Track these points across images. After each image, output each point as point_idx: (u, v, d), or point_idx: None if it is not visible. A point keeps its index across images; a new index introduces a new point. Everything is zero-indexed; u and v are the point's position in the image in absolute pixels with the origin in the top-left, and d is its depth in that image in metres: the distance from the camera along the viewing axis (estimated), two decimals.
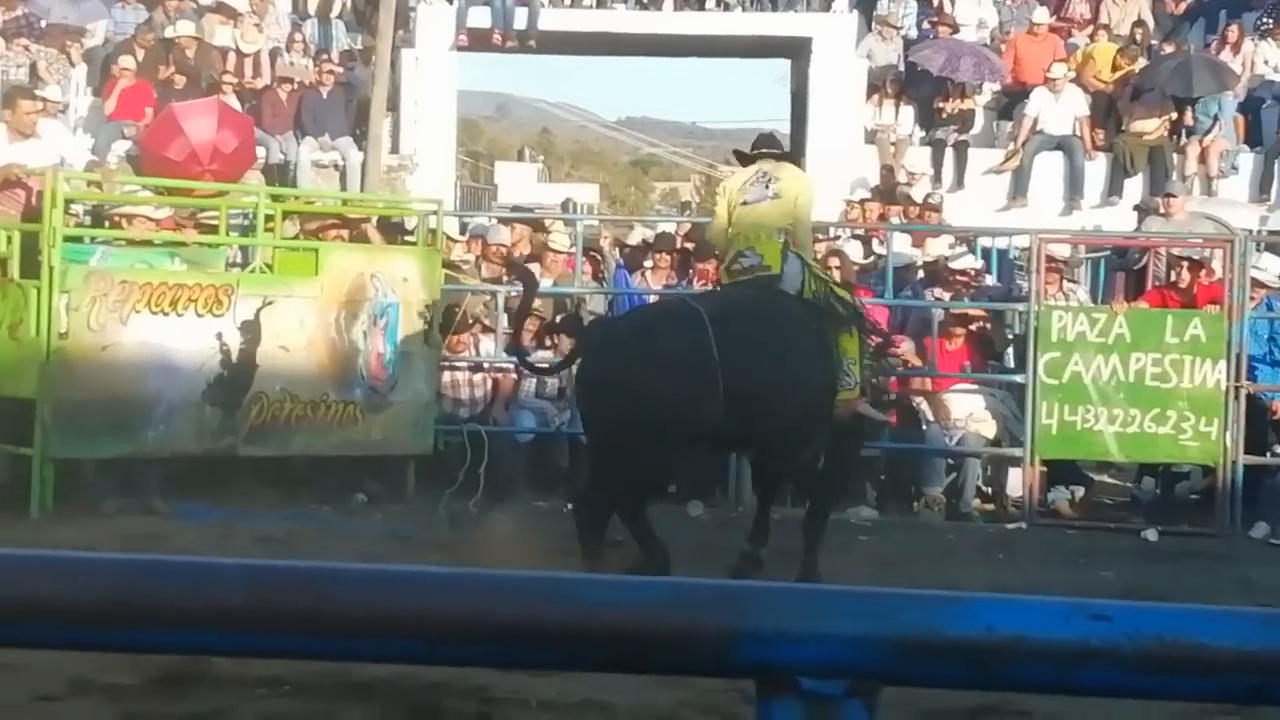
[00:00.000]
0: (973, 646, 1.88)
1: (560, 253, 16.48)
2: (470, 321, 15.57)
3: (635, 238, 19.19)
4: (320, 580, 2.07)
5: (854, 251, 17.02)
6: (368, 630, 2.03)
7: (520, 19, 23.41)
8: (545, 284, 16.32)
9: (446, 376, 15.35)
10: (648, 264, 16.78)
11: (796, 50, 24.22)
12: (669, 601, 1.99)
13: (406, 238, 16.18)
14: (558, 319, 16.00)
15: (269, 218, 14.94)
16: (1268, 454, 15.08)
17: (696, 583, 1.99)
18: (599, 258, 17.32)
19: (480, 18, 23.33)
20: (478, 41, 23.51)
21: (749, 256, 11.61)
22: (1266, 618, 1.81)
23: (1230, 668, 1.78)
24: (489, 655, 2.08)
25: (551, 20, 23.65)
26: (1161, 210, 19.85)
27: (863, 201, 20.66)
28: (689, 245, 17.02)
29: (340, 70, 22.33)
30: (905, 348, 15.35)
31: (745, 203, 11.76)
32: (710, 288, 16.19)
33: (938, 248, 17.23)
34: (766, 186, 11.76)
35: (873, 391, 12.28)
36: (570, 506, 12.58)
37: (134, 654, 2.25)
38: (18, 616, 2.02)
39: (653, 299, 16.05)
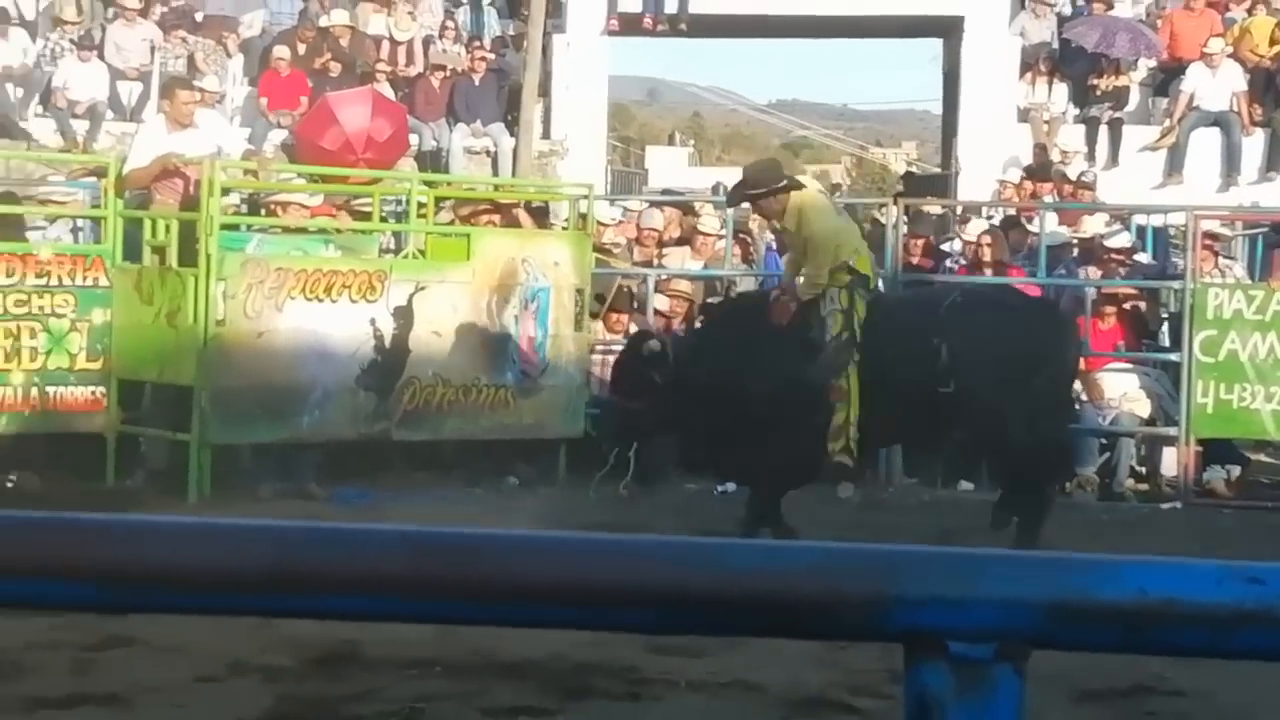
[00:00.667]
0: (1124, 610, 1.87)
1: (710, 235, 16.48)
2: (628, 301, 15.62)
3: None
4: (475, 546, 2.09)
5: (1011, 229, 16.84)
6: (521, 596, 2.05)
7: (671, 3, 23.41)
8: (695, 266, 16.35)
9: (598, 359, 15.39)
10: None
11: (949, 29, 24.06)
12: (818, 566, 1.99)
13: (558, 222, 16.24)
14: (708, 301, 16.04)
15: (421, 204, 15.05)
16: None
17: (845, 547, 2.00)
18: (749, 240, 17.30)
19: (631, 2, 23.35)
20: (628, 26, 23.52)
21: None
22: None
23: None
24: (641, 621, 2.10)
25: (702, 3, 23.61)
26: None
27: (1018, 181, 20.51)
28: None
29: (492, 57, 22.43)
30: None
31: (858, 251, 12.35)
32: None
33: (1092, 226, 17.06)
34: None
35: None
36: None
37: (295, 620, 2.29)
38: (178, 584, 2.06)
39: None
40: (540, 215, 16.66)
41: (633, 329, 15.31)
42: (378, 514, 12.77)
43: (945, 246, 17.25)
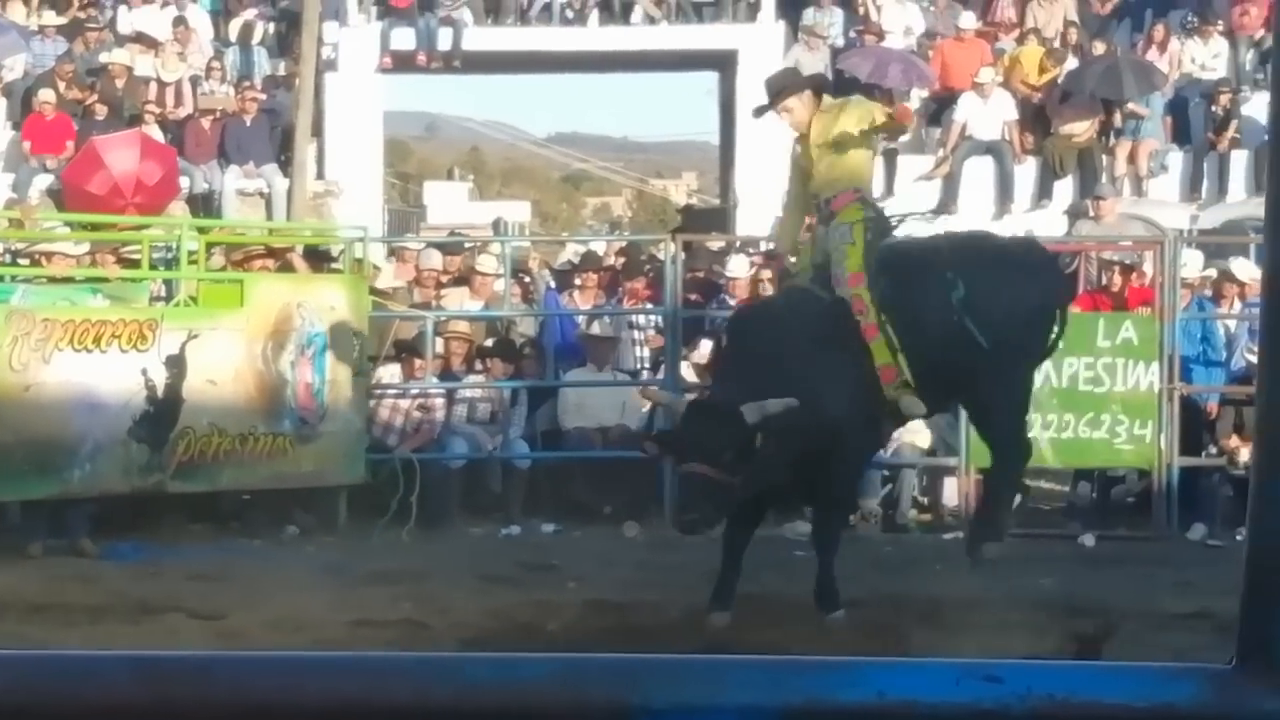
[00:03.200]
0: (864, 713, 1.81)
1: (489, 275, 16.37)
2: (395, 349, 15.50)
3: (569, 256, 19.12)
4: (206, 667, 1.99)
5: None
6: (256, 717, 1.95)
7: (445, 39, 23.32)
8: (474, 307, 16.25)
9: (376, 404, 15.23)
10: (576, 283, 16.70)
11: (724, 62, 24.19)
12: (559, 676, 1.91)
13: (333, 265, 16.07)
14: (488, 343, 15.96)
15: (192, 250, 14.80)
16: (1203, 455, 15.06)
17: (587, 657, 1.92)
18: (528, 279, 17.23)
19: (404, 39, 23.23)
20: (402, 63, 23.41)
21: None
22: (1160, 672, 1.74)
23: None
24: None
25: (476, 39, 23.55)
26: (1092, 213, 19.88)
27: None
28: (619, 263, 16.97)
29: (263, 97, 22.17)
30: None
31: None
32: (641, 305, 16.16)
33: None
34: None
35: None
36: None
37: None
38: None
39: (583, 320, 16.02)
40: (315, 258, 16.44)
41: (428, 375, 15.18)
42: (154, 569, 12.52)
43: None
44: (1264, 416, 1.73)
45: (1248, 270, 15.89)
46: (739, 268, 16.60)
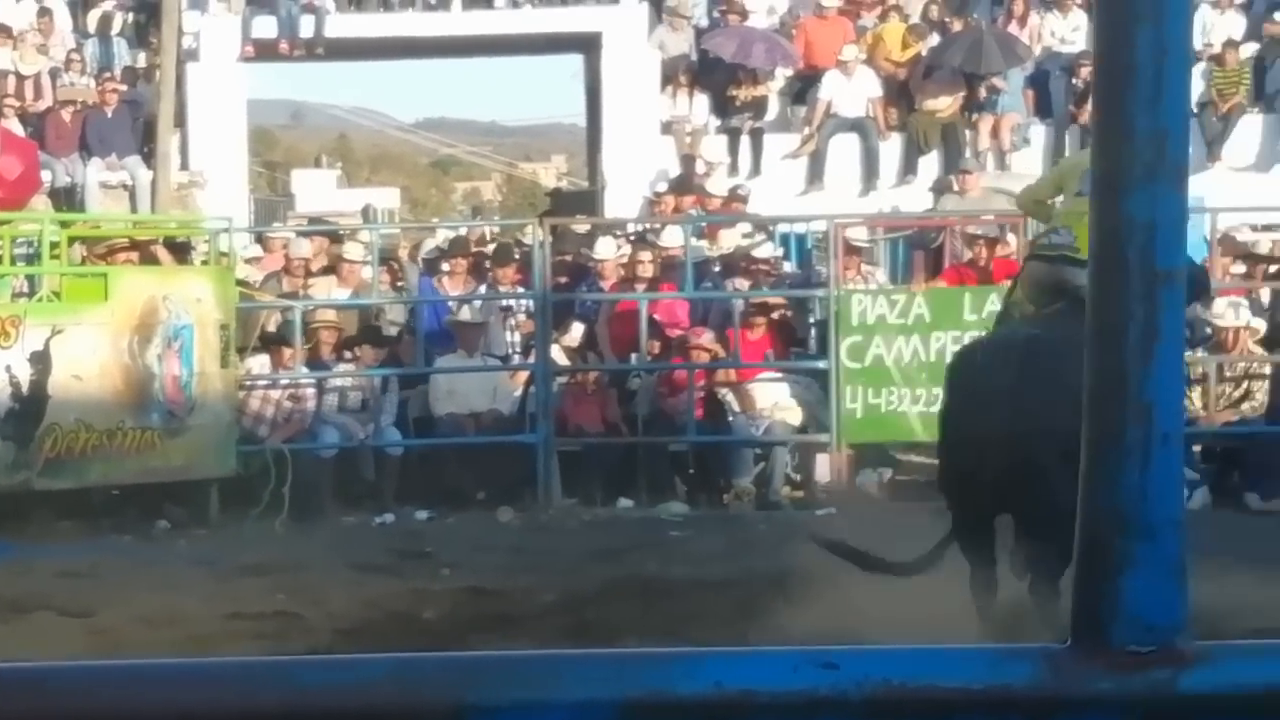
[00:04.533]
0: (702, 704, 1.80)
1: (356, 262, 16.28)
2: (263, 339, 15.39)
3: (438, 242, 19.05)
4: (41, 679, 1.95)
5: (671, 239, 16.79)
6: None
7: (307, 27, 23.13)
8: (342, 295, 16.16)
9: (246, 396, 15.12)
10: (445, 268, 16.65)
11: (588, 44, 24.14)
12: (393, 677, 1.88)
13: (199, 257, 15.92)
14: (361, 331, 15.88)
15: (55, 244, 14.63)
16: None
17: (422, 657, 1.89)
18: (397, 266, 17.14)
19: (265, 27, 23.03)
20: (264, 51, 23.20)
21: (1062, 234, 10.47)
22: (995, 654, 1.74)
23: (961, 708, 1.73)
24: None
25: (339, 26, 23.39)
26: (956, 187, 20.03)
27: (659, 195, 20.65)
28: (488, 249, 16.95)
29: (124, 88, 21.94)
30: (706, 339, 15.35)
31: (1080, 192, 10.41)
32: (511, 288, 16.12)
33: (728, 239, 17.23)
34: None
35: None
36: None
37: None
38: None
39: (454, 306, 15.98)
40: (180, 250, 16.28)
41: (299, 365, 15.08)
42: (23, 567, 12.37)
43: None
44: (1093, 394, 1.72)
45: None
46: (606, 249, 16.61)
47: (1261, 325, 15.06)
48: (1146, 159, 1.67)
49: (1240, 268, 16.13)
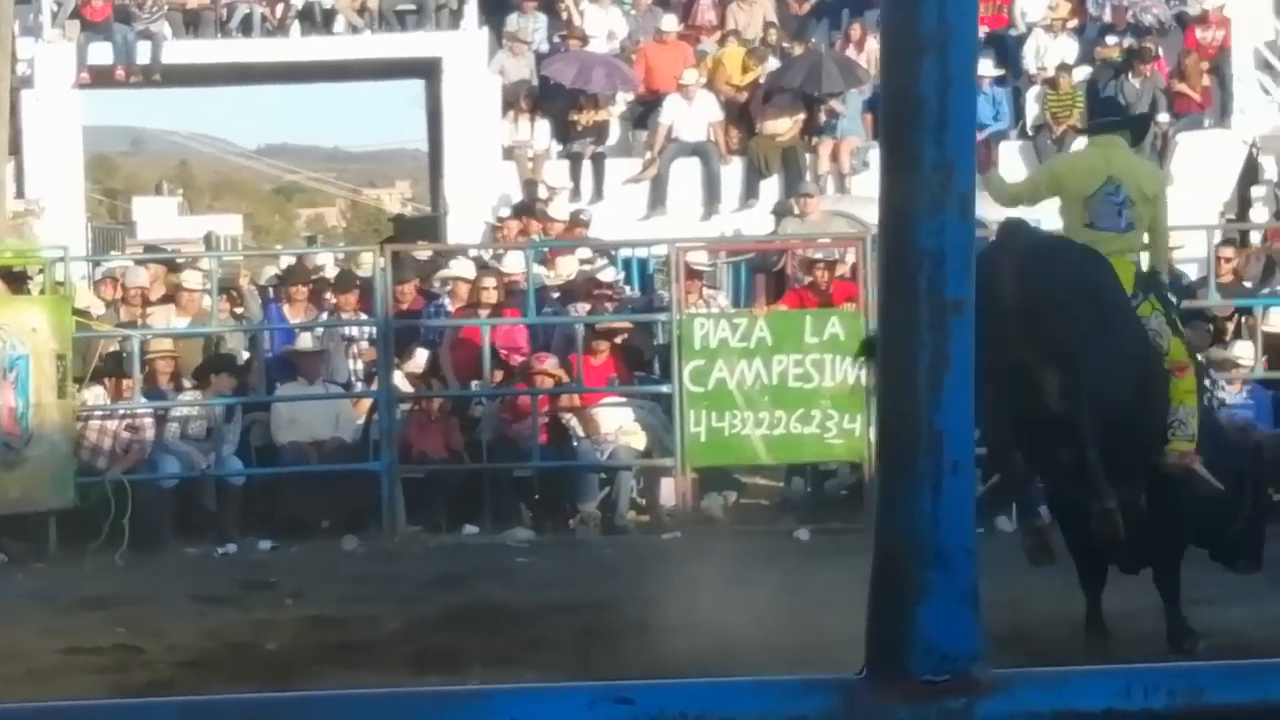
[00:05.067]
0: None
1: (195, 291, 16.13)
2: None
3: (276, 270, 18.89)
4: None
5: (514, 265, 16.78)
6: None
7: (143, 53, 22.89)
8: (181, 324, 16.00)
9: (84, 426, 14.93)
10: (284, 295, 16.54)
11: (428, 70, 24.07)
12: (186, 718, 1.85)
13: (35, 286, 15.71)
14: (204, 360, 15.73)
15: None
16: None
17: (216, 699, 1.87)
18: (236, 295, 17.00)
19: (101, 54, 22.77)
20: (101, 78, 22.95)
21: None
22: (790, 685, 1.75)
23: None
24: None
25: (176, 52, 23.15)
26: (797, 210, 20.13)
27: (502, 220, 20.62)
28: (329, 275, 16.87)
29: None
30: (549, 364, 15.35)
31: (1093, 225, 10.22)
32: (354, 315, 16.03)
33: (570, 264, 17.24)
34: (1119, 214, 10.21)
35: None
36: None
37: None
38: None
39: (298, 333, 15.89)
40: (16, 280, 16.05)
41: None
42: None
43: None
44: (883, 422, 1.74)
45: None
46: (464, 269, 16.59)
47: None
48: (933, 189, 1.69)
49: None
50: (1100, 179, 10.26)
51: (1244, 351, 15.32)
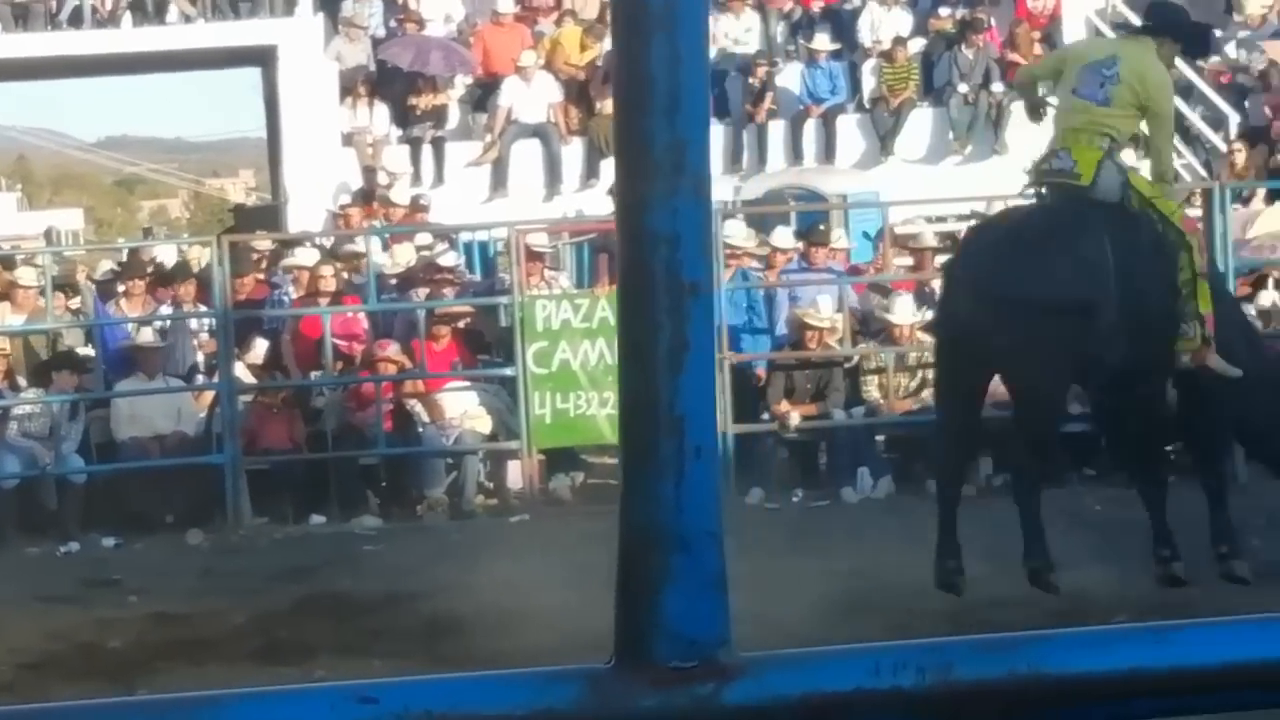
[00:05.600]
0: None
1: (30, 288, 15.91)
2: None
3: (112, 265, 18.68)
4: None
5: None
6: None
7: None
8: (17, 322, 15.79)
9: None
10: (121, 289, 16.36)
11: (264, 58, 23.87)
12: None
13: None
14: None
15: None
16: (757, 421, 15.37)
17: (69, 706, 1.80)
18: (72, 292, 16.81)
19: None
20: None
21: (1062, 158, 10.31)
22: (538, 677, 1.73)
23: None
24: None
25: (6, 46, 22.84)
26: None
27: (344, 208, 20.48)
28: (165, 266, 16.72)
29: None
30: (391, 351, 15.29)
31: (1076, 90, 10.28)
32: (193, 307, 15.88)
33: (406, 252, 17.16)
34: (1101, 85, 10.18)
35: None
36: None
37: None
38: None
39: (133, 328, 15.70)
40: None
41: None
42: None
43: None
44: (624, 409, 1.71)
45: (787, 239, 16.31)
46: (307, 257, 16.51)
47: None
48: (666, 171, 1.67)
49: (908, 260, 16.42)
50: (1103, 54, 10.48)
51: None
